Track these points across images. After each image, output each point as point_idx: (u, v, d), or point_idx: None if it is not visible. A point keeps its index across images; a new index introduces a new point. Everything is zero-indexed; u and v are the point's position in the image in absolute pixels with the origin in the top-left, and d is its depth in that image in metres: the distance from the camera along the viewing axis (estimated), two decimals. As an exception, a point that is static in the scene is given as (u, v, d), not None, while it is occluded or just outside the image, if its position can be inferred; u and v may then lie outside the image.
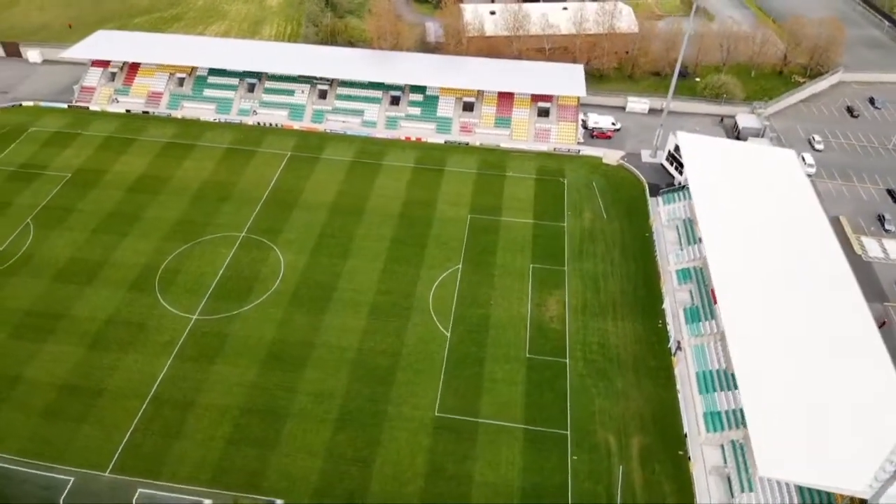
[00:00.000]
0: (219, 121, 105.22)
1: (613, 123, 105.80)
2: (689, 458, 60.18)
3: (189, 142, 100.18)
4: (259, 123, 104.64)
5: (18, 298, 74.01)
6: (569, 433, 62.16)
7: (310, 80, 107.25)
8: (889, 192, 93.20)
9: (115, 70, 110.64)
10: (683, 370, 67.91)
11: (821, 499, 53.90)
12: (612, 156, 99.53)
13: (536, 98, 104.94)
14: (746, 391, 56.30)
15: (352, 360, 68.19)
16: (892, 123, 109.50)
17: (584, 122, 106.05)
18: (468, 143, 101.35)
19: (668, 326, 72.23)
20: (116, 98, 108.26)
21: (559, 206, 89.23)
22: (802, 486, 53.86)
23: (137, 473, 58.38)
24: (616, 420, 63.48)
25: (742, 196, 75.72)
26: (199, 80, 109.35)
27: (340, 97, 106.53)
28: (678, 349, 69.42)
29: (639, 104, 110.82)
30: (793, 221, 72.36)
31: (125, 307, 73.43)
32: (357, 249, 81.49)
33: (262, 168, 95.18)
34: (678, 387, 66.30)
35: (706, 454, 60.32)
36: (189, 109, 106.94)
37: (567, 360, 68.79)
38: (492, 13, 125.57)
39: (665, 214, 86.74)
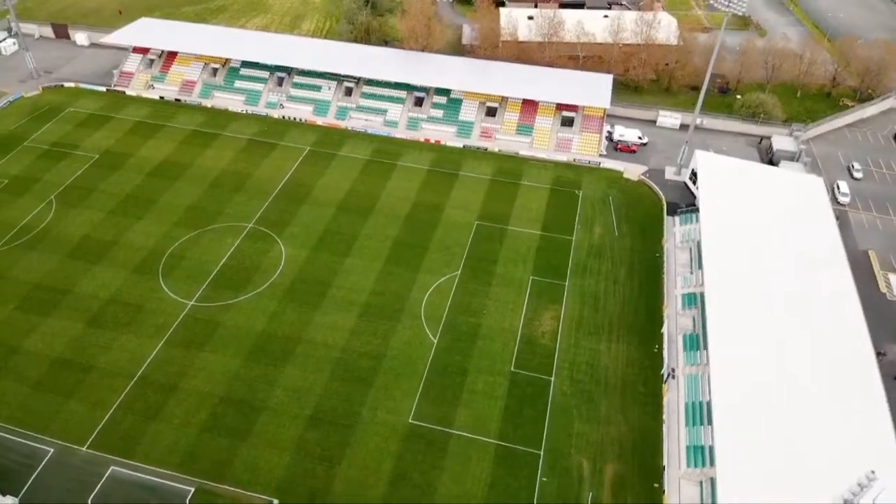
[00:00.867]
0: (246, 112, 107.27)
1: (640, 137, 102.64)
2: (664, 492, 57.61)
3: (214, 131, 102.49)
4: (284, 117, 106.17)
5: (30, 272, 77.17)
6: (542, 454, 60.43)
7: (337, 77, 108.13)
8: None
9: (154, 57, 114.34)
10: (673, 399, 65.07)
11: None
12: (634, 171, 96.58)
13: (561, 107, 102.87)
14: (720, 427, 53.54)
15: (335, 359, 68.20)
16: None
17: (610, 135, 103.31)
18: (486, 149, 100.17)
19: (665, 352, 69.42)
20: (152, 84, 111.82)
21: (570, 219, 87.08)
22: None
23: (112, 451, 59.85)
24: (594, 445, 61.33)
25: (754, 222, 72.10)
26: (232, 72, 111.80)
27: (365, 95, 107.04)
28: (671, 376, 66.64)
29: (670, 119, 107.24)
30: (805, 253, 68.37)
31: (127, 288, 75.56)
32: (359, 248, 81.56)
33: (280, 161, 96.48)
34: (664, 416, 63.55)
35: (683, 489, 57.54)
36: (219, 99, 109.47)
37: (552, 379, 66.95)
38: (529, 18, 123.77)
39: (680, 235, 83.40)
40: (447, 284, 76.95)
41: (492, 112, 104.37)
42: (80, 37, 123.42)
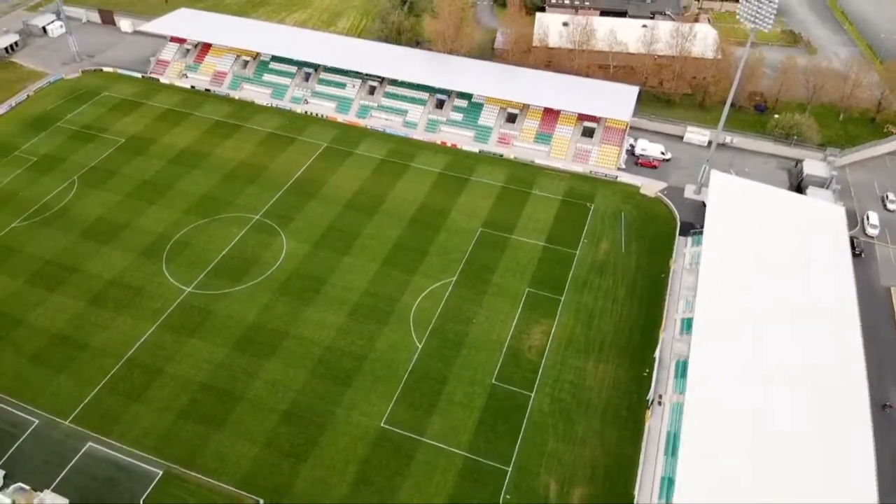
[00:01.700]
0: (271, 105, 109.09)
1: (663, 153, 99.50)
2: (631, 523, 55.70)
3: (238, 122, 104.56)
4: (307, 112, 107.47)
5: (44, 248, 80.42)
6: (510, 470, 59.26)
7: (362, 76, 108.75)
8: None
9: (190, 47, 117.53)
10: (656, 427, 62.74)
11: None
12: (652, 187, 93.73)
13: (583, 117, 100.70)
14: (685, 463, 51.27)
15: (317, 357, 68.57)
16: None
17: (632, 148, 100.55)
18: (502, 155, 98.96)
19: (654, 377, 67.01)
20: (186, 73, 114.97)
21: (577, 232, 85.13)
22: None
23: (92, 428, 61.86)
24: (565, 466, 59.76)
25: (761, 251, 68.63)
26: (262, 65, 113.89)
27: (388, 95, 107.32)
28: (655, 403, 64.31)
29: (698, 135, 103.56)
30: (811, 288, 64.64)
31: (131, 271, 77.86)
32: (359, 247, 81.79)
33: (296, 156, 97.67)
34: (644, 443, 61.35)
35: (651, 522, 55.58)
36: (247, 91, 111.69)
37: (533, 395, 65.57)
38: (564, 24, 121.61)
39: (689, 256, 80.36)
40: (441, 290, 76.35)
41: (512, 118, 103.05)
42: (125, 23, 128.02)
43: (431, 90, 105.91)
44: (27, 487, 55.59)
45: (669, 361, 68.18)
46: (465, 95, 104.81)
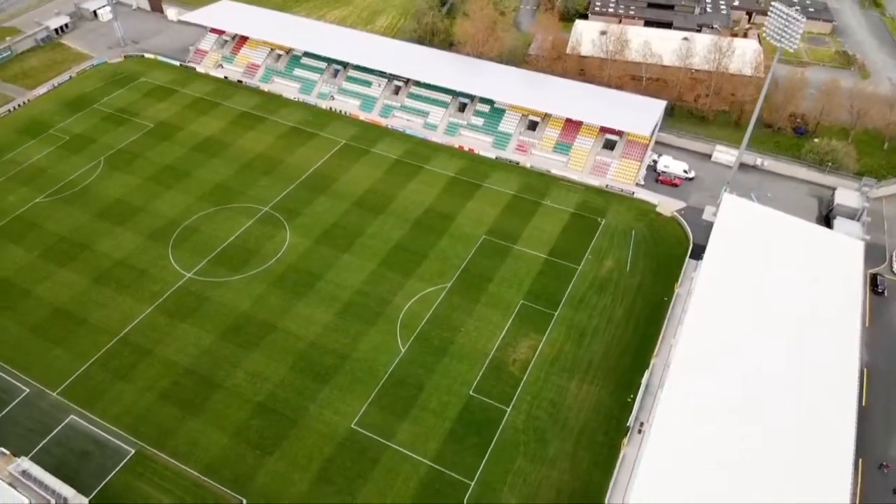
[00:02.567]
0: (298, 100, 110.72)
1: (686, 171, 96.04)
2: (588, 553, 53.93)
3: (263, 115, 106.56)
4: (331, 109, 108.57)
5: (62, 224, 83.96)
6: (472, 485, 58.29)
7: (388, 75, 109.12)
8: None
9: (228, 39, 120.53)
10: (631, 455, 60.56)
11: None
12: (669, 206, 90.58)
13: (606, 129, 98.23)
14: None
15: (300, 352, 69.16)
16: None
17: (655, 164, 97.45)
18: (518, 163, 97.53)
19: (637, 403, 64.66)
20: (222, 64, 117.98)
21: (582, 247, 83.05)
22: None
23: (77, 401, 64.21)
24: (530, 486, 58.38)
25: (760, 281, 65.20)
26: (294, 59, 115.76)
27: (411, 96, 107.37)
28: (635, 430, 62.09)
29: (726, 155, 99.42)
30: (809, 324, 61.01)
31: (138, 253, 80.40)
32: (359, 246, 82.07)
33: (314, 151, 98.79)
34: (615, 471, 59.29)
35: (609, 554, 53.70)
36: (277, 85, 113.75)
37: (509, 410, 64.32)
38: (602, 33, 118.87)
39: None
40: (434, 295, 75.81)
41: (532, 126, 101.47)
42: (171, 12, 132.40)
43: (455, 93, 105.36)
44: (7, 452, 57.98)
45: (658, 388, 65.66)
46: (488, 100, 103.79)
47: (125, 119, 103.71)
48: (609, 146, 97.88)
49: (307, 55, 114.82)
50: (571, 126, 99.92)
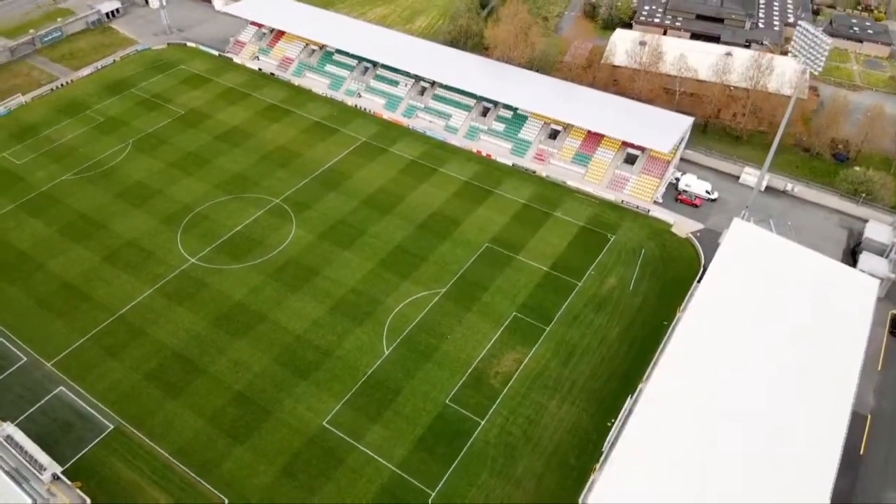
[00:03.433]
0: (325, 95, 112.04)
1: (708, 192, 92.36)
2: (539, 578, 52.46)
3: (290, 108, 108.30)
4: (356, 106, 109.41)
5: (82, 202, 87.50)
6: (433, 495, 57.59)
7: (415, 76, 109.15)
8: None
9: (266, 31, 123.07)
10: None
11: None
12: (685, 227, 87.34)
13: (628, 143, 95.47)
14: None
15: (285, 344, 69.90)
16: None
17: (676, 182, 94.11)
18: (534, 172, 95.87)
19: (615, 428, 62.48)
20: (258, 56, 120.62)
21: (586, 263, 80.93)
22: None
23: (68, 374, 66.71)
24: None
25: (757, 312, 61.85)
26: (326, 55, 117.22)
27: (436, 97, 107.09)
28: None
29: (754, 178, 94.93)
30: (808, 368, 57.35)
31: (149, 235, 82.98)
32: (360, 245, 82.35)
33: (333, 147, 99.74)
34: (581, 497, 57.39)
35: (560, 582, 52.09)
36: (308, 79, 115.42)
37: (483, 422, 63.26)
38: (642, 43, 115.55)
39: (701, 307, 74.22)
40: (426, 300, 75.34)
41: (553, 135, 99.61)
42: (218, 2, 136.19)
43: (478, 97, 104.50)
44: (-5, 417, 60.88)
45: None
46: (511, 106, 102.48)
47: (158, 104, 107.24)
48: (630, 160, 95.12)
49: (339, 52, 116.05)
50: (593, 137, 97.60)
